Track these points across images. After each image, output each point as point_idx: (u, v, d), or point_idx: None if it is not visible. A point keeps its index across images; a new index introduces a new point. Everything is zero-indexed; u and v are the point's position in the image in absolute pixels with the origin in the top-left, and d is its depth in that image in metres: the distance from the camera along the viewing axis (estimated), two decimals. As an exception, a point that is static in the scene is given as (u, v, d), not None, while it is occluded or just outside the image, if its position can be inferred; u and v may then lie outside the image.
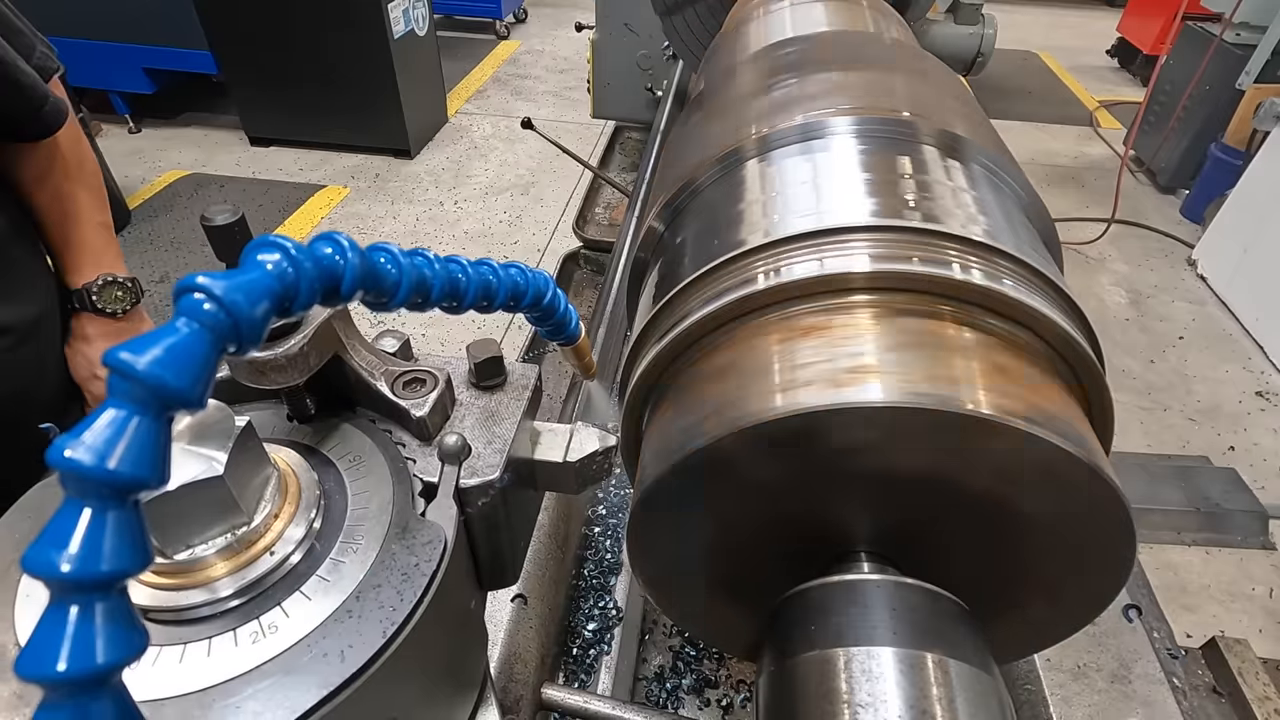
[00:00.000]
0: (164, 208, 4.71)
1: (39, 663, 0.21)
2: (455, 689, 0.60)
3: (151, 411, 0.21)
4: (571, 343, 0.60)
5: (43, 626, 0.21)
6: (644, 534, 0.64)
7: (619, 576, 1.14)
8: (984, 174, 0.74)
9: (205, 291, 0.23)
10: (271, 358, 0.50)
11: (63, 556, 0.20)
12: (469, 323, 3.76)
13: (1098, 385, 0.61)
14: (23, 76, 1.13)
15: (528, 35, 7.85)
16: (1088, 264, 4.48)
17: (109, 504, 0.21)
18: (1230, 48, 4.47)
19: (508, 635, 0.91)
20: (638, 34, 2.97)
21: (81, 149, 1.29)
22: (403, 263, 0.33)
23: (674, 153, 0.93)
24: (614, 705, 0.88)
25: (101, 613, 0.21)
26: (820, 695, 0.50)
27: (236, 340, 0.24)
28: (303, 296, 0.27)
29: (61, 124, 1.21)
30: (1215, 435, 3.34)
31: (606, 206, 2.79)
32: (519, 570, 0.65)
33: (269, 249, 0.26)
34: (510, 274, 0.43)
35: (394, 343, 0.65)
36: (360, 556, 0.49)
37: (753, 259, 0.63)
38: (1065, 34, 8.24)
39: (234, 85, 5.07)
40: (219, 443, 0.44)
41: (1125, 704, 0.88)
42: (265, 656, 0.42)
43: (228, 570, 0.45)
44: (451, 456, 0.55)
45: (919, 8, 1.90)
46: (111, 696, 0.21)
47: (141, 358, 0.21)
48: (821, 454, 0.54)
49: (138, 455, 0.21)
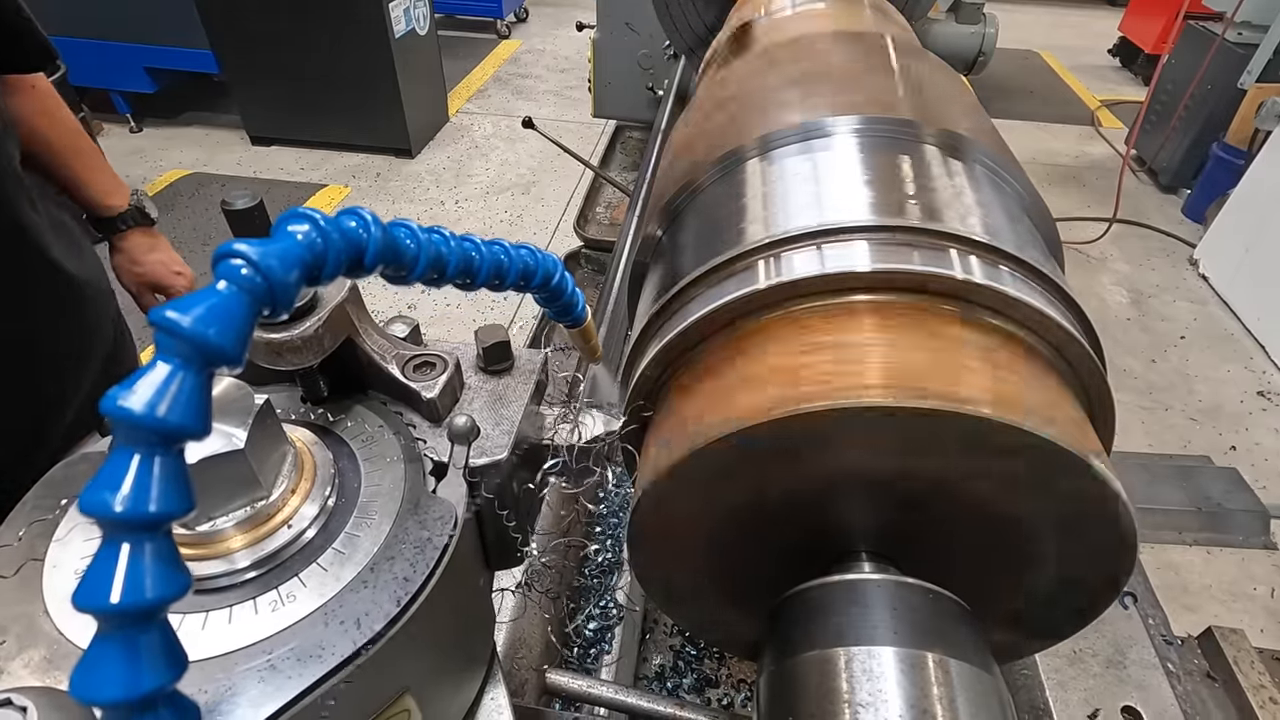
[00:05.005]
0: (165, 207, 4.72)
1: (94, 595, 0.22)
2: (464, 664, 0.61)
3: (195, 366, 0.23)
4: (578, 325, 0.61)
5: (97, 563, 0.23)
6: (645, 534, 0.64)
7: (620, 576, 1.15)
8: (985, 173, 0.74)
9: (243, 257, 0.25)
10: (287, 339, 0.51)
11: (115, 498, 0.22)
12: (470, 323, 3.78)
13: (1099, 385, 0.61)
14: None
15: (529, 34, 7.86)
16: (1089, 263, 4.49)
17: (156, 450, 0.23)
18: (1232, 47, 4.48)
19: (512, 621, 0.93)
20: (639, 33, 2.98)
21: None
22: (421, 238, 0.34)
23: (674, 153, 0.94)
24: (616, 689, 0.90)
25: (150, 552, 0.23)
26: (821, 695, 0.50)
27: (271, 303, 0.26)
28: (330, 266, 0.28)
29: (54, 56, 1.26)
30: (1217, 435, 3.35)
31: (607, 206, 2.80)
32: (525, 551, 0.66)
33: (300, 220, 0.28)
34: (521, 254, 0.45)
35: (404, 328, 0.66)
36: (374, 531, 0.50)
37: (754, 258, 0.63)
38: (1067, 33, 8.24)
39: (235, 85, 5.08)
40: (239, 419, 0.46)
41: (1120, 688, 0.89)
42: (284, 623, 0.44)
43: (246, 543, 0.47)
44: (461, 437, 0.56)
45: (920, 7, 1.91)
46: (159, 630, 0.23)
47: (186, 316, 0.23)
48: (822, 454, 0.54)
49: (184, 406, 0.23)
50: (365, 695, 0.45)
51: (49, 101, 1.31)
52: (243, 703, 0.40)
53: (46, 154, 1.32)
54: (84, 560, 0.47)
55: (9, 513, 0.50)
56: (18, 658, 0.42)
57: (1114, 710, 0.89)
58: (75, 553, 0.47)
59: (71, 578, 0.46)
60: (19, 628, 0.43)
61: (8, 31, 1.17)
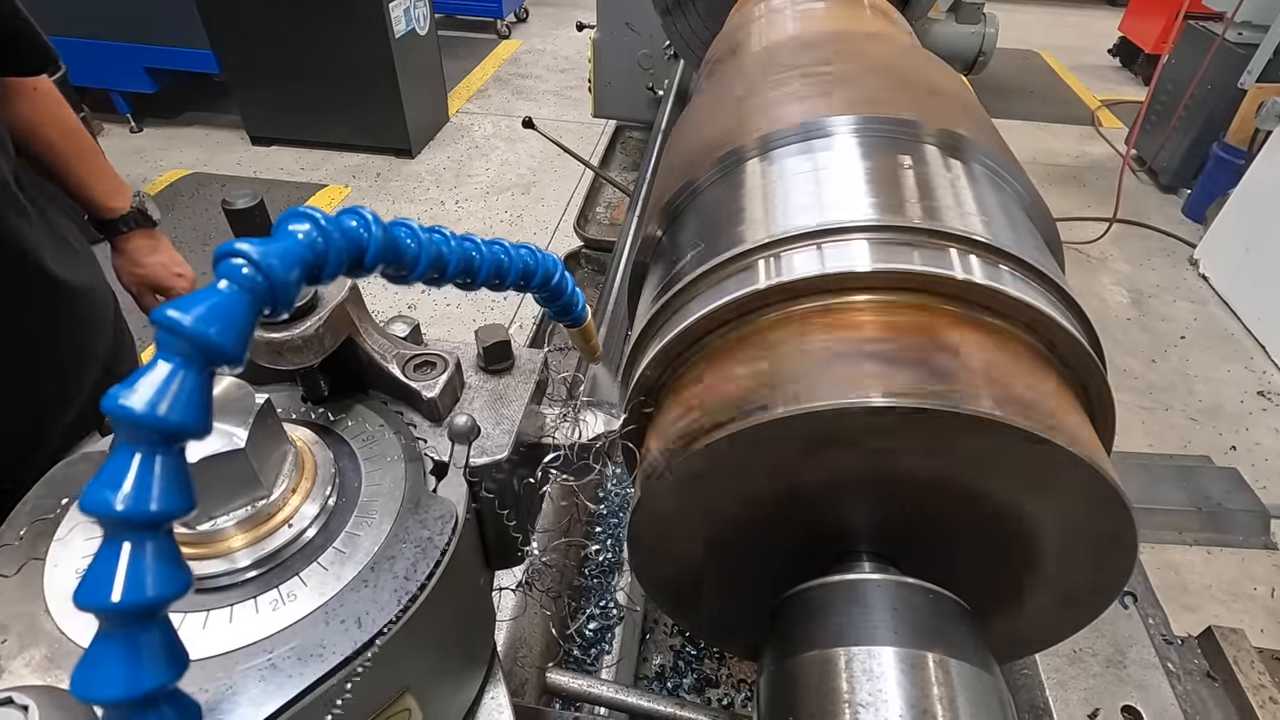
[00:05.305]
0: (165, 207, 4.68)
1: (96, 593, 0.22)
2: (465, 664, 0.61)
3: (196, 365, 0.23)
4: (578, 325, 0.61)
5: (98, 561, 0.23)
6: (645, 534, 0.64)
7: (620, 576, 1.15)
8: (985, 173, 0.74)
9: (244, 256, 0.25)
10: (288, 338, 0.52)
11: (117, 496, 0.22)
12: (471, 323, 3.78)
13: (1099, 385, 0.61)
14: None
15: (529, 34, 7.86)
16: (1089, 263, 4.49)
17: (157, 449, 0.23)
18: (1232, 47, 4.48)
19: (513, 621, 0.93)
20: (639, 33, 2.98)
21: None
22: (422, 238, 0.34)
23: (674, 153, 0.94)
24: (617, 689, 0.90)
25: (151, 551, 0.23)
26: (821, 695, 0.50)
27: (272, 302, 0.26)
28: (331, 265, 0.28)
29: (54, 58, 1.26)
30: (1217, 435, 3.35)
31: (607, 206, 2.80)
32: (525, 551, 0.66)
33: (300, 219, 0.28)
34: (521, 254, 0.45)
35: (405, 327, 0.66)
36: (375, 530, 0.50)
37: (754, 257, 0.63)
38: (1067, 33, 8.24)
39: (235, 85, 5.09)
40: (240, 418, 0.46)
41: (1120, 688, 0.89)
42: (285, 622, 0.44)
43: (247, 542, 0.47)
44: (462, 436, 0.56)
45: (920, 7, 1.91)
46: (160, 628, 0.23)
47: (187, 315, 0.23)
48: (822, 454, 0.54)
49: (185, 405, 0.23)
50: (366, 694, 0.45)
51: (51, 104, 1.31)
52: (244, 701, 0.40)
53: (48, 156, 1.32)
54: (85, 559, 0.47)
55: (10, 512, 0.50)
56: (19, 656, 0.42)
57: (1114, 710, 0.89)
58: (76, 552, 0.47)
59: (72, 577, 0.46)
60: (20, 626, 0.43)
61: (6, 33, 1.17)
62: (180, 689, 0.26)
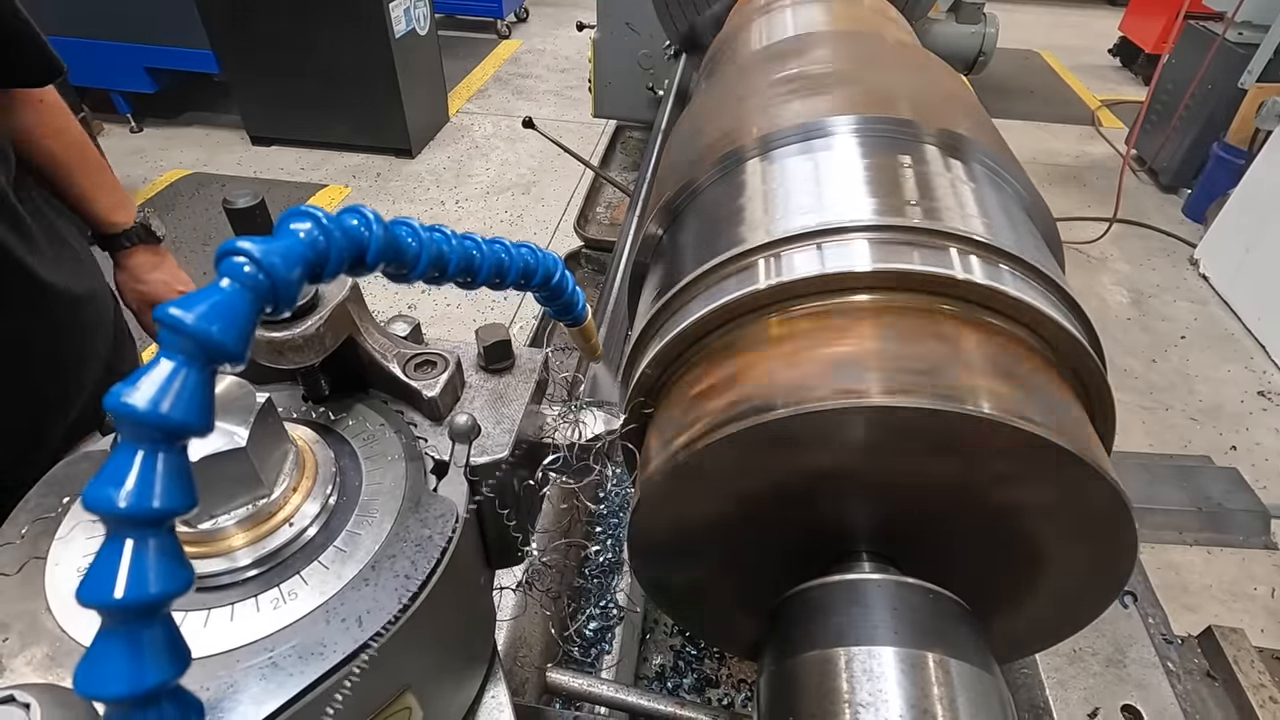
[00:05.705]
0: (165, 207, 4.72)
1: (98, 590, 0.22)
2: (466, 663, 0.62)
3: (199, 363, 0.23)
4: (579, 324, 0.61)
5: (101, 558, 0.23)
6: (645, 534, 0.64)
7: (620, 576, 1.15)
8: (985, 173, 0.74)
9: (246, 255, 0.25)
10: (289, 338, 0.52)
11: (119, 494, 0.22)
12: (471, 322, 3.78)
13: (1099, 385, 0.61)
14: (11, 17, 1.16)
15: (529, 34, 7.86)
16: (1089, 263, 4.49)
17: (160, 446, 0.23)
18: (1232, 47, 4.47)
19: (513, 621, 0.93)
20: (639, 33, 2.98)
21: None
22: (423, 237, 0.34)
23: (674, 153, 0.94)
24: (617, 689, 0.90)
25: (153, 548, 0.23)
26: (821, 694, 0.50)
27: (274, 300, 0.26)
28: (332, 263, 0.28)
29: (60, 68, 1.24)
30: (1217, 435, 3.35)
31: (608, 206, 2.80)
32: (525, 551, 0.66)
33: (302, 218, 0.28)
34: (521, 253, 0.45)
35: (405, 327, 0.66)
36: (375, 529, 0.50)
37: (754, 257, 0.63)
38: (1067, 33, 8.24)
39: (236, 85, 5.09)
40: (241, 417, 0.46)
41: (1120, 687, 0.89)
42: (286, 621, 0.44)
43: (248, 541, 0.47)
44: (462, 435, 0.56)
45: (920, 7, 1.92)
46: (162, 625, 0.23)
47: (190, 313, 0.23)
48: (822, 454, 0.54)
49: (187, 403, 0.23)
50: (366, 693, 0.45)
51: (57, 116, 1.29)
52: (245, 700, 0.40)
53: (51, 168, 1.31)
54: (86, 558, 0.47)
55: (11, 511, 0.50)
56: (20, 655, 0.42)
57: (1114, 709, 0.89)
58: (78, 550, 0.47)
59: (74, 575, 0.46)
60: (22, 625, 0.43)
61: (6, 34, 1.16)
62: (182, 686, 0.26)
